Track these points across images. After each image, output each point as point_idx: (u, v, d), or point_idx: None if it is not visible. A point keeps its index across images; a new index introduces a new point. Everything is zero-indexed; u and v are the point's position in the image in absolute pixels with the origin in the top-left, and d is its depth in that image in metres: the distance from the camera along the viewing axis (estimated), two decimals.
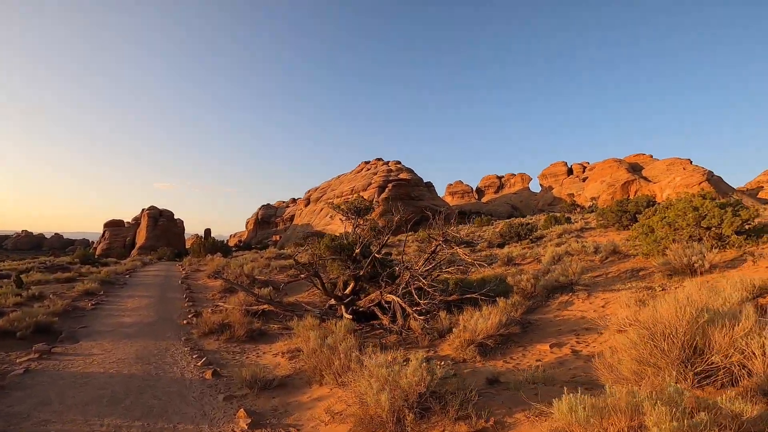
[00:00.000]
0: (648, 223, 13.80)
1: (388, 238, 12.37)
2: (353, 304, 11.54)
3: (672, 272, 9.66)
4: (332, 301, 11.97)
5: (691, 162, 57.73)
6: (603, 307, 8.78)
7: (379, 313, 10.46)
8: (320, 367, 5.51)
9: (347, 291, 12.12)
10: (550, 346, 6.46)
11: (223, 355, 8.22)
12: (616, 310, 8.12)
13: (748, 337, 2.92)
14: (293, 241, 54.37)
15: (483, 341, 6.60)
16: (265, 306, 12.55)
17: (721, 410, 2.30)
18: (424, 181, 71.76)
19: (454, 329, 7.20)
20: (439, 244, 10.05)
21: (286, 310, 12.75)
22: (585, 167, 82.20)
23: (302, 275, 11.80)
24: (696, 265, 9.19)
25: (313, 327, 9.01)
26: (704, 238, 11.68)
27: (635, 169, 65.05)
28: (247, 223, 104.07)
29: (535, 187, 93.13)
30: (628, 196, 55.76)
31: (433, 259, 10.49)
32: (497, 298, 9.73)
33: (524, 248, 21.62)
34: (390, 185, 64.66)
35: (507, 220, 42.37)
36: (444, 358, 6.33)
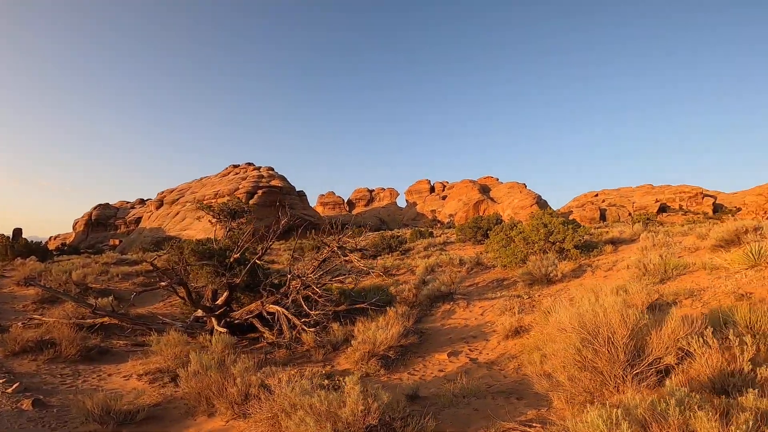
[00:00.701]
0: (510, 236, 15.68)
1: (272, 243, 11.30)
2: (226, 315, 10.15)
3: (532, 281, 10.99)
4: (199, 313, 10.33)
5: (525, 186, 69.63)
6: (482, 314, 9.41)
7: (259, 326, 9.37)
8: (207, 394, 4.42)
9: (219, 301, 10.62)
10: (447, 355, 6.53)
11: (46, 379, 6.21)
12: (494, 318, 8.78)
13: (688, 336, 3.27)
14: (139, 246, 46.68)
15: (385, 353, 6.31)
16: (104, 319, 10.14)
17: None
18: (297, 189, 70.14)
19: (352, 341, 6.76)
20: (333, 252, 9.53)
21: (136, 323, 10.55)
22: (445, 186, 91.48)
23: (162, 283, 9.87)
24: (551, 275, 10.65)
25: (179, 343, 7.51)
26: (549, 251, 13.73)
27: (485, 190, 75.25)
28: (76, 224, 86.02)
29: (401, 202, 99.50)
30: (479, 214, 64.06)
31: (325, 267, 9.91)
32: (387, 308, 9.68)
33: (396, 259, 22.61)
34: (260, 191, 61.22)
35: (379, 232, 44.00)
36: (345, 373, 5.81)
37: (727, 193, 78.70)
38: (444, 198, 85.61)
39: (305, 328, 8.21)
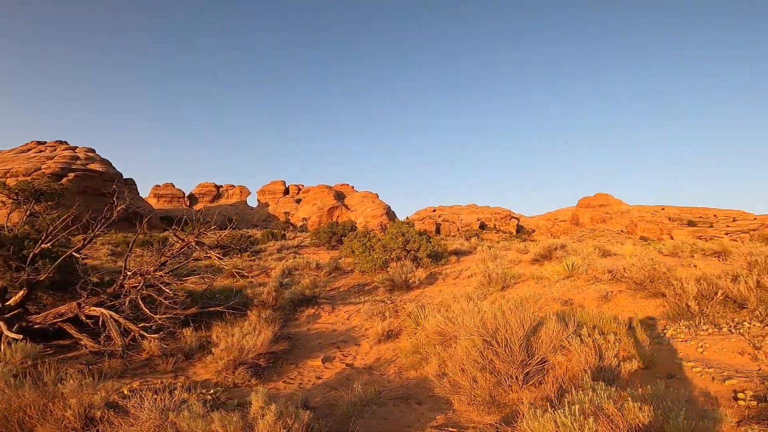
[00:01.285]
0: (369, 243, 16.28)
1: (98, 233, 9.15)
2: (22, 319, 7.78)
3: (392, 287, 11.59)
4: None
5: (378, 197, 74.15)
6: (348, 319, 9.43)
7: (74, 332, 7.43)
8: (22, 419, 3.13)
9: (11, 302, 8.05)
10: (322, 361, 6.28)
11: None
12: (362, 322, 8.90)
13: (570, 338, 3.75)
14: None
15: (255, 361, 5.68)
16: None
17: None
18: (125, 177, 59.76)
19: (213, 349, 5.89)
20: (190, 246, 8.25)
21: None
22: (300, 189, 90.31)
23: None
24: (410, 281, 11.41)
25: None
26: (405, 259, 14.76)
27: (340, 196, 77.11)
28: None
29: (252, 201, 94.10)
30: (333, 219, 65.33)
31: (172, 265, 8.50)
32: (247, 312, 8.86)
33: (247, 260, 21.36)
34: (72, 175, 49.81)
35: (229, 231, 40.59)
36: (207, 385, 5.01)
37: (527, 216, 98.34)
38: (299, 201, 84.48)
39: (144, 333, 6.86)
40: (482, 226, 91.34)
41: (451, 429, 3.19)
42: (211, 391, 4.23)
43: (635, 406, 2.47)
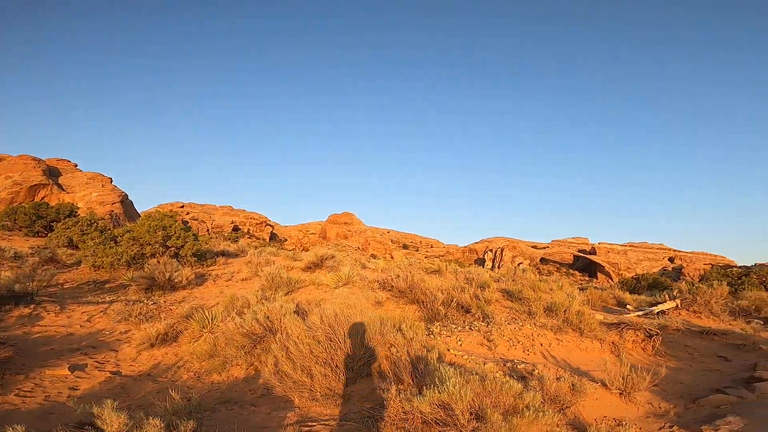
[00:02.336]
0: (112, 234, 13.43)
1: None
2: None
3: (150, 286, 10.06)
4: None
5: (111, 181, 60.23)
6: (89, 321, 7.68)
7: None
8: None
9: None
10: (70, 370, 4.94)
11: None
12: (113, 325, 7.44)
13: (393, 333, 4.30)
14: None
15: None
16: None
17: None
18: None
19: None
20: None
21: None
22: None
23: None
24: (176, 280, 10.21)
25: None
26: (160, 255, 13.05)
27: (53, 173, 58.44)
28: None
29: None
30: (34, 199, 48.96)
31: None
32: None
33: None
34: None
35: None
36: None
37: (282, 225, 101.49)
38: None
39: None
40: (236, 229, 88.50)
41: (311, 424, 3.31)
42: None
43: (462, 380, 3.31)
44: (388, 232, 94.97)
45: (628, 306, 11.73)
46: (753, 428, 3.74)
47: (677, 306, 11.15)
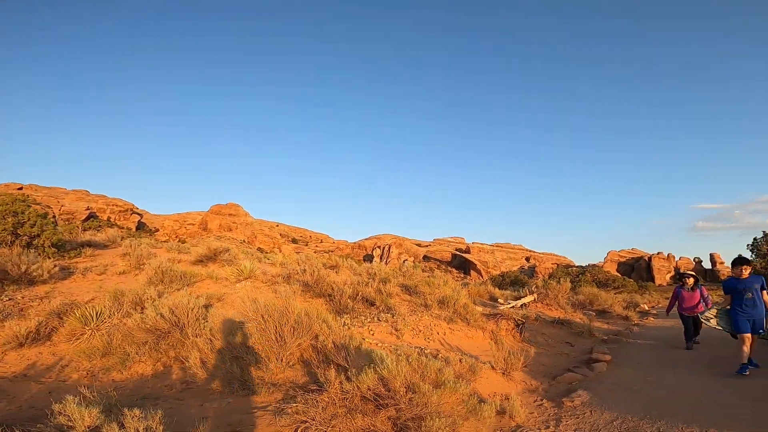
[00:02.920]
0: None
1: None
2: None
3: (2, 280, 8.43)
4: None
5: None
6: None
7: None
8: None
9: None
10: None
11: None
12: None
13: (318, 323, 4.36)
14: None
15: None
16: None
17: None
18: None
19: None
20: None
21: None
22: None
23: None
24: (35, 274, 8.71)
25: None
26: (11, 246, 10.97)
27: None
28: None
29: None
30: None
31: None
32: None
33: None
34: None
35: None
36: None
37: (152, 213, 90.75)
38: None
39: None
40: (92, 217, 76.48)
41: (252, 411, 3.29)
42: None
43: (395, 358, 3.72)
44: (277, 226, 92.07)
45: (499, 300, 13.69)
46: (596, 399, 4.97)
47: (535, 299, 13.43)
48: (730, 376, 5.97)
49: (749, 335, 6.16)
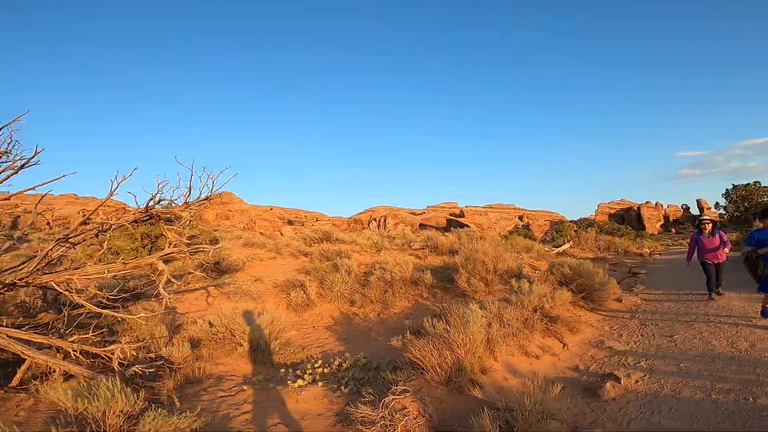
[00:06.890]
0: None
1: None
2: None
3: None
4: None
5: None
6: None
7: None
8: None
9: None
10: None
11: None
12: None
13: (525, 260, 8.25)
14: None
15: None
16: None
17: None
18: None
19: None
20: None
21: None
22: None
23: None
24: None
25: None
26: None
27: None
28: None
29: None
30: None
31: None
32: None
33: None
34: None
35: None
36: None
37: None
38: None
39: None
40: (86, 222, 77.16)
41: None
42: None
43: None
44: (272, 209, 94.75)
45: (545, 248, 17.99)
46: (648, 288, 9.29)
47: (571, 245, 17.81)
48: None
49: None
